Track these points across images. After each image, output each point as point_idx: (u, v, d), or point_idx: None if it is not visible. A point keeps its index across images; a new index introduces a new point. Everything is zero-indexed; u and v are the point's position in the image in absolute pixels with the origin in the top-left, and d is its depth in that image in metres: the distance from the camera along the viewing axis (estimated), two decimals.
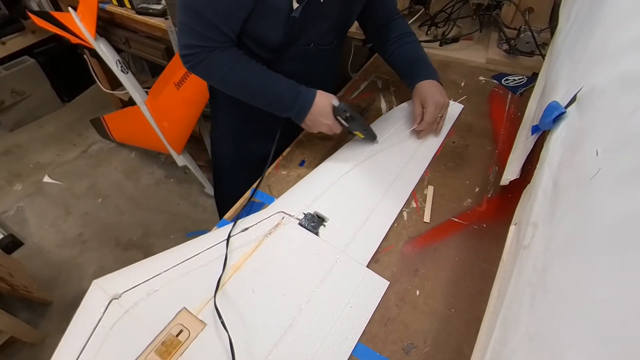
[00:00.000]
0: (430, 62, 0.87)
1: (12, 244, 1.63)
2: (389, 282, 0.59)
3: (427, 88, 0.80)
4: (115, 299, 0.54)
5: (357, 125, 0.75)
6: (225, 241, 0.62)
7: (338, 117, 0.73)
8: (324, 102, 0.73)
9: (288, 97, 0.73)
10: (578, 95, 0.48)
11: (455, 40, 1.10)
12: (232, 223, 0.65)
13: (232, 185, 0.77)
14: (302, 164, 0.80)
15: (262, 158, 0.80)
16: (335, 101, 0.73)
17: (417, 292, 0.58)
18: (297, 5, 0.67)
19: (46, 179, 1.98)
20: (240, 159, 0.99)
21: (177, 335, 0.52)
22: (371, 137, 0.79)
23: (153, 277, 0.57)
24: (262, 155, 0.85)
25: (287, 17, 0.68)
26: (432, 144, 0.82)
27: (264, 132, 0.90)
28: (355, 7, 0.79)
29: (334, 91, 0.94)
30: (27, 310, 1.44)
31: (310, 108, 0.73)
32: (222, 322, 0.52)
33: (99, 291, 0.55)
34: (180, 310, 0.54)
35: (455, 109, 0.91)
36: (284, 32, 0.71)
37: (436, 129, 0.83)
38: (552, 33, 0.86)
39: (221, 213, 0.71)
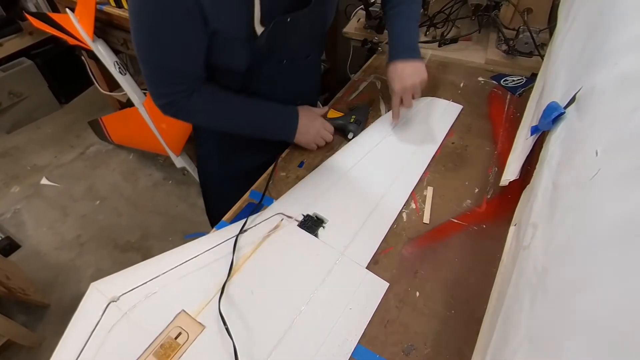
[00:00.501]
0: (413, 35, 0.81)
1: (9, 246, 1.62)
2: (388, 284, 0.59)
3: (392, 72, 0.78)
4: (113, 301, 0.54)
5: (339, 121, 0.82)
6: (233, 240, 0.63)
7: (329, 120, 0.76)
8: (306, 108, 0.76)
9: (275, 121, 0.75)
10: (577, 95, 0.48)
11: (454, 40, 1.10)
12: (241, 225, 0.65)
13: (222, 204, 0.75)
14: (301, 165, 0.80)
15: (250, 173, 0.79)
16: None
17: (417, 294, 0.58)
18: (262, 29, 0.63)
19: (44, 181, 1.97)
20: (228, 176, 0.96)
21: (176, 338, 0.51)
22: (353, 129, 0.84)
23: (151, 280, 0.57)
24: (249, 169, 0.83)
25: (248, 43, 0.65)
26: (431, 145, 0.82)
27: (249, 145, 0.90)
28: (328, 10, 0.72)
29: (325, 90, 0.94)
30: (24, 314, 1.43)
31: (297, 120, 0.75)
32: (227, 329, 0.51)
33: (96, 294, 0.55)
34: (179, 313, 0.54)
35: (454, 109, 0.91)
36: (249, 58, 0.67)
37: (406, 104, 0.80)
38: (551, 33, 0.87)
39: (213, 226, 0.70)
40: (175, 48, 0.61)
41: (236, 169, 0.94)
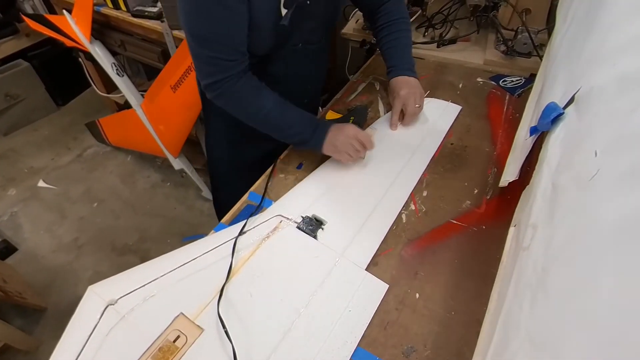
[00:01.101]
0: (412, 59, 0.89)
1: (6, 249, 1.61)
2: (388, 286, 0.59)
3: (397, 82, 0.86)
4: (111, 304, 0.54)
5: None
6: (233, 242, 0.62)
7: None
8: (333, 127, 0.74)
9: (306, 130, 0.74)
10: (576, 96, 0.48)
11: (452, 41, 1.11)
12: (240, 227, 0.64)
13: (230, 191, 0.77)
14: (299, 167, 0.79)
15: (259, 162, 0.80)
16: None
17: (417, 295, 0.58)
18: (285, 11, 0.67)
19: (41, 183, 1.96)
20: (237, 164, 0.99)
21: (174, 341, 0.51)
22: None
23: (149, 283, 0.57)
24: (258, 158, 0.85)
25: (276, 25, 0.69)
26: (430, 146, 0.82)
27: (258, 134, 0.89)
28: (339, 1, 0.79)
29: (324, 91, 0.94)
30: (21, 317, 1.42)
31: (328, 131, 0.73)
32: (226, 332, 0.51)
33: (94, 297, 0.54)
34: (178, 316, 0.54)
35: (453, 110, 0.91)
36: (273, 41, 0.71)
37: (412, 117, 0.86)
38: (550, 34, 0.86)
39: (220, 218, 0.71)
40: (226, 22, 0.64)
41: (244, 156, 0.96)
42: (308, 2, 0.70)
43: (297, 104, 0.76)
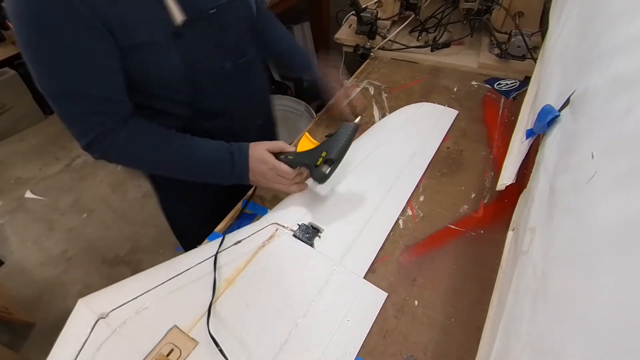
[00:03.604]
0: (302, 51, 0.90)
1: None
2: (387, 294, 0.58)
3: (322, 79, 0.86)
4: (102, 318, 0.52)
5: (303, 160, 0.64)
6: (213, 259, 0.59)
7: (281, 158, 0.65)
8: (257, 147, 0.65)
9: (224, 161, 0.64)
10: (571, 98, 0.48)
11: (446, 45, 1.11)
12: (222, 238, 0.63)
13: (198, 238, 0.68)
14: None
15: (219, 204, 0.73)
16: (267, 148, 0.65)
17: (416, 302, 0.57)
18: (185, 25, 0.57)
19: (28, 194, 1.92)
20: (197, 211, 0.89)
21: (168, 355, 0.49)
22: (319, 176, 0.63)
23: (142, 295, 0.55)
24: (217, 201, 0.77)
25: (173, 43, 0.58)
26: (427, 151, 0.81)
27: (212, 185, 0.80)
28: (251, 2, 0.69)
29: (317, 97, 0.93)
30: (7, 333, 1.37)
31: (248, 160, 0.65)
32: (221, 351, 0.50)
33: (84, 310, 0.53)
34: (171, 329, 0.52)
35: (449, 114, 0.91)
36: (179, 61, 0.60)
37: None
38: (543, 37, 0.88)
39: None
40: (78, 69, 0.54)
41: (203, 208, 0.86)
42: (212, 11, 0.60)
43: (249, 130, 0.73)
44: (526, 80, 0.98)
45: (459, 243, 0.64)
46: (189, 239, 0.94)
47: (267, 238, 0.64)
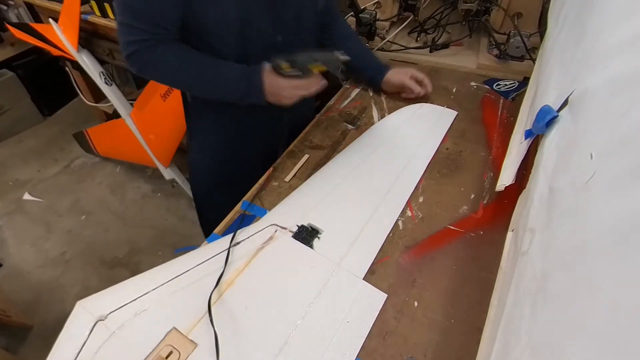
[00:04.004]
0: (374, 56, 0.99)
1: None
2: (386, 295, 0.58)
3: (397, 71, 0.94)
4: (100, 320, 0.52)
5: (307, 60, 0.67)
6: (226, 252, 0.61)
7: (285, 73, 0.68)
8: (266, 74, 0.71)
9: (240, 85, 0.71)
10: (570, 98, 0.48)
11: (445, 46, 1.12)
12: (232, 236, 0.63)
13: (215, 209, 0.75)
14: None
15: (242, 177, 0.78)
16: (270, 63, 0.70)
17: (416, 304, 0.57)
18: None
19: (26, 196, 1.91)
20: (221, 181, 0.96)
21: (167, 357, 0.49)
22: (335, 63, 0.67)
23: (140, 297, 0.55)
24: (241, 173, 0.83)
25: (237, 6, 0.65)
26: (426, 152, 0.81)
27: (240, 149, 0.91)
28: None
29: (316, 97, 0.93)
30: (5, 336, 1.37)
31: (262, 88, 0.71)
32: (217, 345, 0.50)
33: (83, 313, 0.52)
34: (170, 331, 0.52)
35: (449, 115, 0.91)
36: (239, 8, 0.66)
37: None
38: (542, 37, 0.88)
39: (207, 235, 0.69)
40: None
41: (227, 171, 0.94)
42: None
43: (284, 112, 0.75)
44: (525, 81, 0.98)
45: (459, 244, 0.64)
46: (205, 206, 1.06)
47: (266, 239, 0.64)
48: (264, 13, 0.69)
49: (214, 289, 0.55)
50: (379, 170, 0.77)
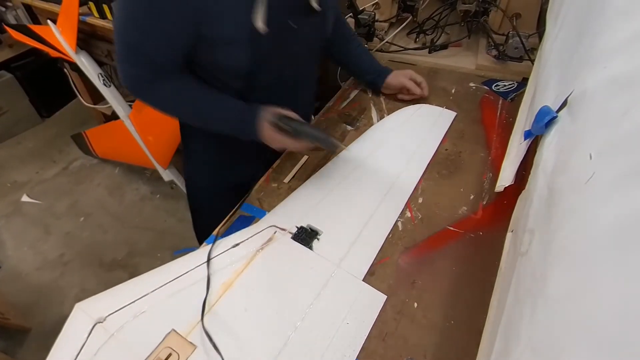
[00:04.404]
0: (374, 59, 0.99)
1: None
2: (386, 296, 0.57)
3: (397, 73, 0.94)
4: (99, 322, 0.51)
5: (307, 133, 0.67)
6: (206, 263, 0.59)
7: (284, 131, 0.68)
8: (263, 122, 0.69)
9: (238, 122, 0.70)
10: (569, 99, 0.48)
11: (444, 47, 1.12)
12: (212, 243, 0.62)
13: (211, 218, 0.73)
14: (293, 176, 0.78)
15: (239, 187, 0.77)
16: (270, 116, 0.68)
17: (415, 305, 0.57)
18: (266, 30, 0.61)
19: (24, 198, 1.91)
20: (217, 190, 0.94)
21: (166, 359, 0.49)
22: (328, 145, 0.68)
23: (139, 299, 0.54)
24: (238, 183, 0.82)
25: (250, 44, 0.63)
26: (425, 153, 0.81)
27: (241, 159, 0.89)
28: (328, 24, 0.75)
29: (316, 98, 0.93)
30: (3, 339, 1.36)
31: (259, 131, 0.69)
32: (215, 346, 0.49)
33: (81, 315, 0.52)
34: (169, 333, 0.52)
35: (448, 116, 0.91)
36: (250, 59, 0.66)
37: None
38: (540, 38, 0.88)
39: (201, 242, 0.68)
40: (152, 36, 0.61)
41: (225, 183, 0.92)
42: (294, 25, 0.65)
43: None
44: (524, 82, 0.98)
45: (458, 245, 0.64)
46: (202, 213, 1.06)
47: (265, 241, 0.63)
48: (274, 53, 0.68)
49: (202, 315, 0.54)
50: (378, 171, 0.77)
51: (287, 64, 0.74)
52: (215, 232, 0.68)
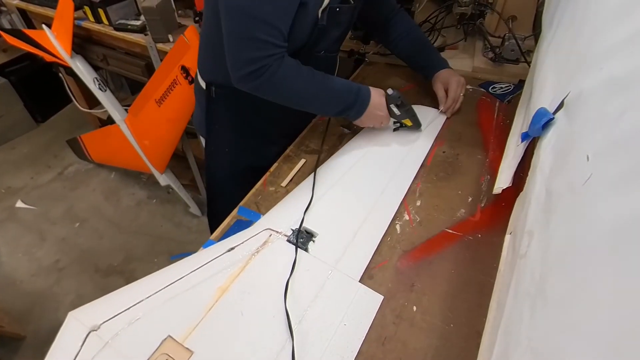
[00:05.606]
0: (438, 52, 0.98)
1: None
2: (383, 297, 0.57)
3: (446, 73, 0.92)
4: (93, 330, 0.50)
5: (407, 112, 0.80)
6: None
7: (391, 106, 0.79)
8: (378, 94, 0.78)
9: (349, 96, 0.76)
10: (565, 100, 0.48)
11: (440, 49, 1.12)
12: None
13: (227, 202, 0.76)
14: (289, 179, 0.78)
15: (257, 170, 0.80)
16: (389, 90, 0.78)
17: (414, 308, 0.57)
18: (322, 13, 0.70)
19: (19, 204, 1.89)
20: (236, 173, 0.99)
21: None
22: (417, 125, 0.84)
23: (135, 305, 0.54)
24: (256, 166, 0.86)
25: (314, 23, 0.71)
26: (419, 152, 0.81)
27: (262, 140, 0.94)
28: (356, 15, 0.82)
29: None
30: None
31: (369, 103, 0.77)
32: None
33: (75, 323, 0.51)
34: (165, 339, 0.51)
35: (440, 116, 0.91)
36: (308, 36, 0.73)
37: (457, 107, 0.92)
38: (536, 40, 0.88)
39: (213, 230, 0.70)
40: (281, 5, 0.63)
41: (243, 164, 0.97)
42: (338, 9, 0.71)
43: (304, 112, 0.78)
44: (520, 84, 0.99)
45: (457, 247, 0.64)
46: (218, 191, 1.09)
47: (260, 244, 0.63)
48: (318, 35, 0.75)
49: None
50: (371, 172, 0.77)
51: (324, 42, 0.78)
52: (213, 237, 0.67)
